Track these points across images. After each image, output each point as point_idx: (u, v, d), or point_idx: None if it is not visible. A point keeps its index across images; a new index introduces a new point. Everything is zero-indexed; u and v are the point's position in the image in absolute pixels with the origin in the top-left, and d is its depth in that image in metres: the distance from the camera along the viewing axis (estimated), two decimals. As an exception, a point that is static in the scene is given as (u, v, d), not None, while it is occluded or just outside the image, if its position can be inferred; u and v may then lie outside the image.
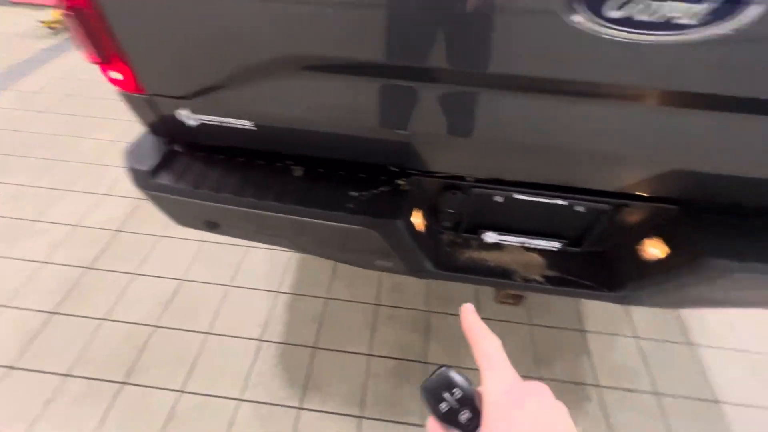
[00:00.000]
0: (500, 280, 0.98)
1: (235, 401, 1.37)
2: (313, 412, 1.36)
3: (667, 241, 0.90)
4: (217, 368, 1.45)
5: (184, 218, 0.99)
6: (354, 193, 0.88)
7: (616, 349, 1.59)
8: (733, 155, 0.78)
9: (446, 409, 0.36)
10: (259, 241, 1.03)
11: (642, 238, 0.94)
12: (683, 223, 0.88)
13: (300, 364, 1.48)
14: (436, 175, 0.92)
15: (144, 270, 1.74)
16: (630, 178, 0.87)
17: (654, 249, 0.91)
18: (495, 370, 0.37)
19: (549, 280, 0.97)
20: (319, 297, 1.69)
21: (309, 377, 1.45)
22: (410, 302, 1.69)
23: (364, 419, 1.35)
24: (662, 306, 1.05)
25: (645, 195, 0.89)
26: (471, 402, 0.36)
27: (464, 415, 0.36)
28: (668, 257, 0.88)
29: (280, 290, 1.71)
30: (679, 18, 0.53)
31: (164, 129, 0.90)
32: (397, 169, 0.93)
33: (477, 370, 0.37)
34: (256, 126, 0.84)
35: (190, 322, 1.58)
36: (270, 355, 1.50)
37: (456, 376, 0.37)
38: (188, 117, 0.84)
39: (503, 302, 1.07)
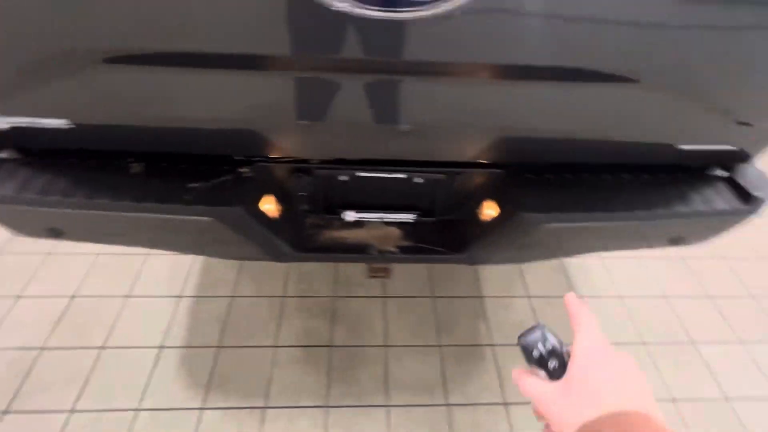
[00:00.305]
0: (357, 255, 1.03)
1: (132, 412, 1.33)
2: (215, 411, 1.36)
3: (497, 202, 0.99)
4: (112, 382, 1.40)
5: (20, 228, 0.95)
6: (194, 185, 0.89)
7: (511, 310, 1.72)
8: (536, 119, 0.87)
9: (538, 356, 0.42)
10: (112, 243, 1.01)
11: (480, 202, 1.03)
12: (507, 184, 0.97)
13: (203, 365, 1.47)
14: (279, 160, 0.95)
15: (29, 291, 1.63)
16: (455, 147, 0.95)
17: (488, 210, 1.00)
18: (586, 331, 0.43)
19: (403, 249, 1.04)
20: (224, 296, 1.68)
21: (212, 377, 1.44)
22: (317, 291, 1.72)
23: (267, 409, 1.37)
24: (504, 262, 1.16)
25: (473, 162, 0.98)
26: (560, 355, 0.42)
27: (552, 363, 0.42)
28: (497, 217, 0.98)
29: (182, 294, 1.67)
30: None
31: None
32: (240, 158, 0.95)
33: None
34: (75, 125, 0.82)
35: (82, 339, 1.50)
36: (171, 361, 1.47)
37: (549, 333, 0.44)
38: (-4, 121, 0.80)
39: (374, 276, 1.13)
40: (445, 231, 1.08)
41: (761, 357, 1.61)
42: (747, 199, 0.97)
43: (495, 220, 0.98)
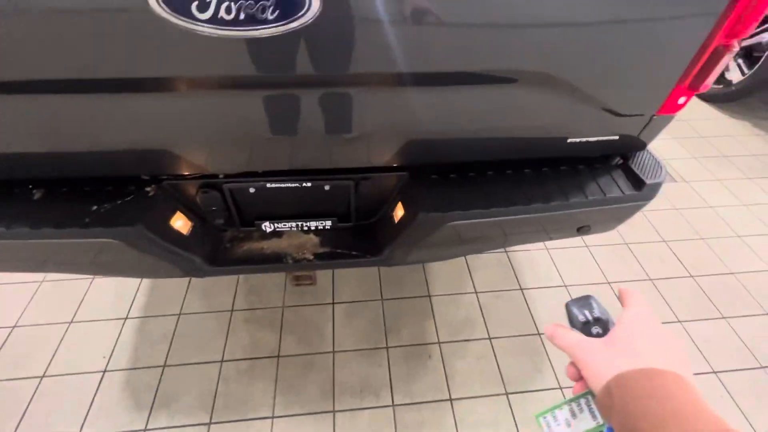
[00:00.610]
0: (273, 265, 1.04)
1: (72, 439, 1.32)
2: (159, 431, 1.35)
3: (403, 204, 1.02)
4: (53, 410, 1.38)
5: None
6: (94, 207, 0.89)
7: (458, 307, 1.75)
8: (429, 122, 0.90)
9: (584, 320, 0.45)
10: (22, 271, 1.01)
11: (391, 205, 1.05)
12: (411, 186, 1.00)
13: (148, 386, 1.46)
14: (184, 177, 0.96)
15: (-33, 325, 1.60)
16: (359, 153, 0.97)
17: (398, 212, 1.03)
18: (636, 304, 0.45)
19: (319, 256, 1.06)
20: (171, 314, 1.67)
21: (157, 397, 1.43)
22: (266, 302, 1.73)
23: (212, 425, 1.37)
24: (418, 261, 1.19)
25: (379, 166, 1.00)
26: (605, 324, 0.45)
27: (596, 329, 0.45)
28: (403, 218, 1.00)
29: (129, 316, 1.66)
30: (261, 15, 0.62)
31: None
32: (146, 177, 0.96)
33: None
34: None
35: (23, 369, 1.48)
36: (115, 384, 1.46)
37: (596, 303, 0.47)
38: None
39: (299, 284, 1.14)
40: (361, 235, 1.10)
41: (697, 334, 1.67)
42: (641, 185, 1.02)
43: (402, 222, 1.00)
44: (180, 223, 0.98)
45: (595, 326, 0.45)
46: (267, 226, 1.08)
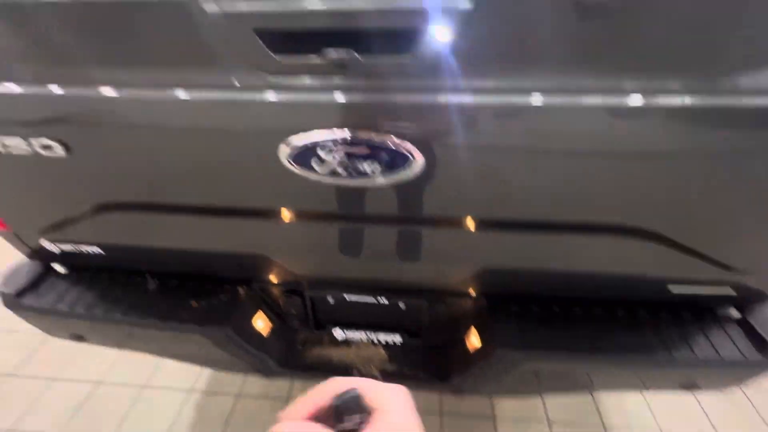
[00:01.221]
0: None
1: None
2: None
3: (479, 334, 0.97)
4: (110, 480, 1.42)
5: (52, 332, 1.09)
6: (193, 303, 0.99)
7: (528, 438, 1.55)
8: (516, 257, 0.89)
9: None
10: (126, 349, 1.12)
11: (464, 331, 1.02)
12: (488, 315, 0.97)
13: (197, 470, 1.45)
14: (275, 283, 1.04)
15: (64, 375, 1.77)
16: (438, 277, 0.98)
17: (472, 340, 0.99)
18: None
19: (385, 374, 1.03)
20: (231, 394, 1.70)
21: (203, 486, 1.41)
22: (321, 395, 1.69)
23: None
24: (490, 394, 1.09)
25: (454, 291, 0.99)
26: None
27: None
28: (479, 349, 0.96)
29: (194, 388, 1.72)
30: (370, 170, 0.69)
31: (37, 255, 1.05)
32: (241, 279, 1.05)
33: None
34: (103, 250, 0.98)
35: (95, 429, 1.57)
36: (168, 462, 1.47)
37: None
38: (49, 246, 0.99)
39: (360, 397, 1.10)
40: (430, 357, 1.06)
41: None
42: (764, 347, 0.87)
43: (477, 353, 0.95)
44: (261, 324, 1.04)
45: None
46: (339, 334, 1.10)
